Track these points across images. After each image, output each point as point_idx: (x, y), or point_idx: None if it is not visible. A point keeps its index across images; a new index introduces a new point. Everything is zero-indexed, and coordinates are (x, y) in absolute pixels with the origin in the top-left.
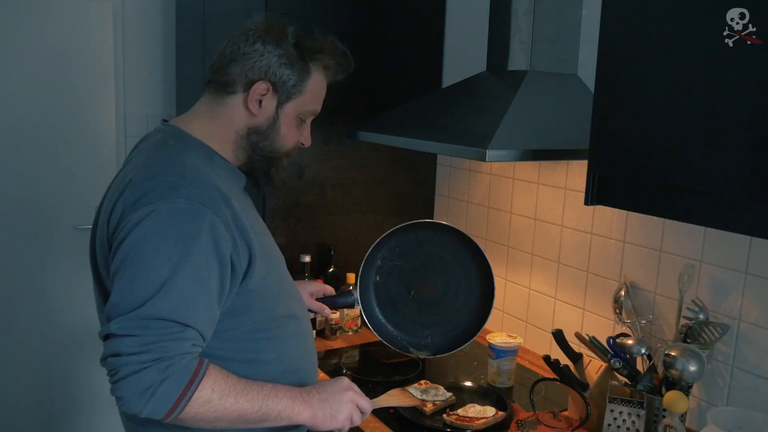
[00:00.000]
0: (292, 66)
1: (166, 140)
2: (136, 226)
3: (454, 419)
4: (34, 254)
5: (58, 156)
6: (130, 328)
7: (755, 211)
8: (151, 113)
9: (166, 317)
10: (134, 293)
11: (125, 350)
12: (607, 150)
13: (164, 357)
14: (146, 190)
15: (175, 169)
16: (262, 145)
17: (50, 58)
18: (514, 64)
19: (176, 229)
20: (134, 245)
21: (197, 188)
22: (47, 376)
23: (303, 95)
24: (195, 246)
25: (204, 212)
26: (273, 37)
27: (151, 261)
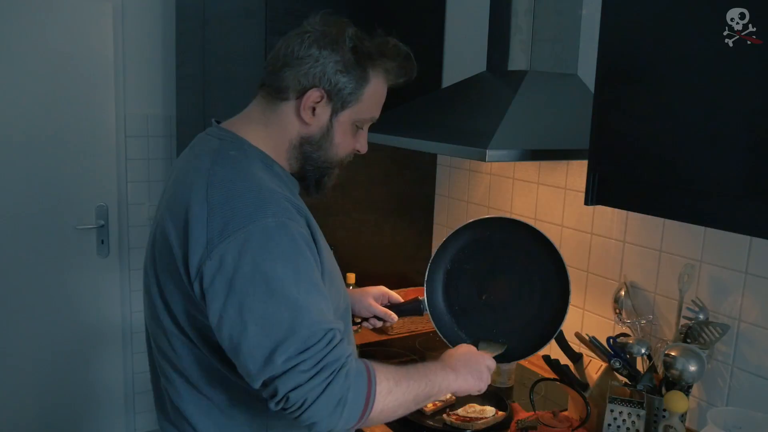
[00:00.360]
0: (348, 73)
1: (227, 150)
2: (239, 258)
3: (454, 419)
4: (34, 254)
5: (58, 156)
6: (294, 357)
7: (755, 211)
8: (151, 113)
9: (318, 328)
10: (276, 327)
11: (302, 379)
12: (607, 150)
13: (339, 366)
14: (229, 214)
15: (250, 187)
16: (315, 155)
17: (50, 58)
18: (514, 64)
19: (279, 248)
20: (248, 278)
21: (277, 204)
22: (49, 376)
23: (360, 103)
24: (300, 258)
25: (292, 226)
26: (329, 41)
27: (275, 288)
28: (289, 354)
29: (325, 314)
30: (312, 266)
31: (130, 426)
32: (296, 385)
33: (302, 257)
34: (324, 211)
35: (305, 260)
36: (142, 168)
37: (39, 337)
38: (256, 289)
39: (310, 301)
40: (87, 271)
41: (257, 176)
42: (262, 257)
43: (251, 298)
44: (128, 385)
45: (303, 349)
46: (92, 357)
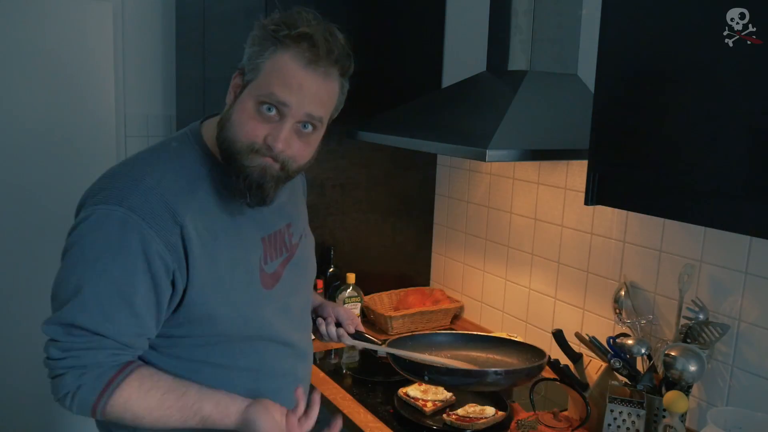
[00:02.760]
0: (253, 45)
1: (172, 141)
2: (78, 224)
3: (454, 419)
4: (33, 254)
5: (58, 156)
6: (54, 332)
7: (755, 211)
8: (151, 113)
9: (83, 326)
10: (59, 292)
11: (52, 354)
12: (607, 150)
13: (78, 365)
14: (101, 187)
15: (136, 174)
16: (220, 136)
17: (50, 58)
18: (514, 64)
19: (104, 238)
20: (70, 245)
21: (143, 200)
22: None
23: (259, 76)
24: (119, 259)
25: (138, 225)
26: (257, 24)
27: (75, 265)
28: (55, 328)
29: (106, 320)
30: (130, 274)
31: None
32: (47, 355)
33: (122, 259)
34: (324, 211)
35: (124, 264)
36: None
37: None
38: (66, 257)
39: (97, 299)
40: None
41: (158, 169)
42: (87, 237)
43: (61, 263)
44: None
45: (63, 332)
46: None
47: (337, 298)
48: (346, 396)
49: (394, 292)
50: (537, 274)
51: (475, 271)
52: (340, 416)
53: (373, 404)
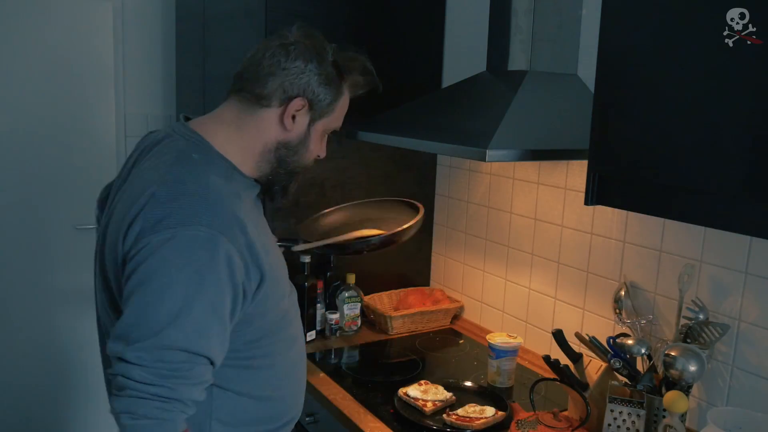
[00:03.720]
0: (328, 86)
1: (191, 152)
2: (155, 250)
3: (454, 419)
4: (34, 254)
5: (58, 156)
6: (145, 359)
7: (755, 211)
8: (151, 113)
9: (184, 348)
10: (149, 321)
11: (136, 377)
12: (607, 150)
13: (168, 397)
14: (169, 212)
15: (199, 192)
16: (289, 160)
17: (50, 58)
18: (514, 64)
19: (194, 259)
20: (152, 271)
21: (218, 216)
22: (49, 375)
23: (333, 113)
24: (211, 276)
25: (222, 242)
26: (314, 56)
27: (167, 290)
28: (142, 355)
29: (203, 337)
30: (221, 291)
31: None
32: (129, 376)
33: (213, 277)
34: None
35: (216, 281)
36: None
37: (38, 337)
38: (152, 284)
39: (191, 321)
40: (87, 271)
41: (211, 182)
42: (173, 260)
43: (144, 287)
44: None
45: (156, 359)
46: (92, 356)
47: (337, 299)
48: (346, 396)
49: (394, 292)
50: (537, 274)
51: (475, 271)
52: None
53: (373, 404)
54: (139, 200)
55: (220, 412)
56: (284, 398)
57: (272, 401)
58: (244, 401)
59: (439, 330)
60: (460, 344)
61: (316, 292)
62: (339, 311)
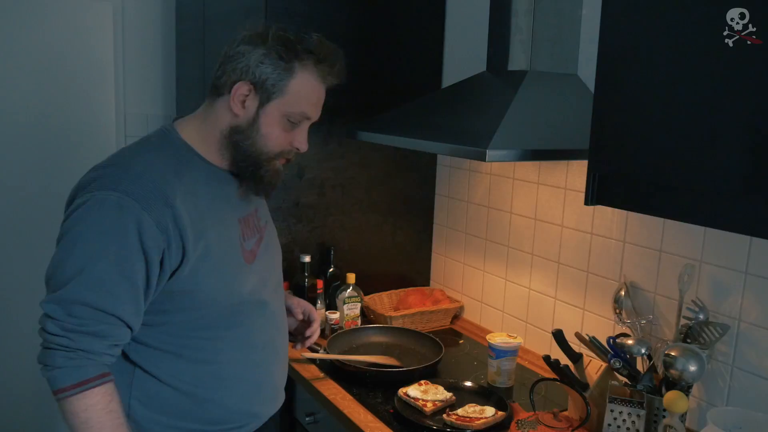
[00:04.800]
0: (271, 64)
1: (151, 137)
2: (74, 211)
3: (454, 419)
4: (33, 254)
5: (57, 156)
6: (56, 312)
7: (755, 211)
8: (151, 113)
9: (88, 303)
10: (57, 273)
11: (49, 329)
12: (607, 150)
13: (71, 347)
14: (93, 177)
15: (125, 163)
16: (243, 144)
17: (50, 58)
18: (514, 64)
19: (102, 221)
20: (66, 228)
21: (136, 185)
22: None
23: (286, 95)
24: (117, 237)
25: (132, 207)
26: (255, 37)
27: (74, 246)
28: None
29: (111, 297)
30: (128, 254)
31: None
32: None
33: (120, 239)
34: (324, 211)
35: (122, 245)
36: None
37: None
38: (65, 239)
39: (100, 277)
40: None
41: (145, 158)
42: (84, 220)
43: (60, 242)
44: None
45: (64, 311)
46: None
47: (337, 298)
48: (346, 396)
49: (394, 292)
50: (537, 274)
51: (475, 271)
52: None
53: (373, 404)
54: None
55: (139, 392)
56: (224, 403)
57: (205, 402)
58: (167, 390)
59: (439, 330)
60: (460, 344)
61: (316, 291)
62: (339, 311)
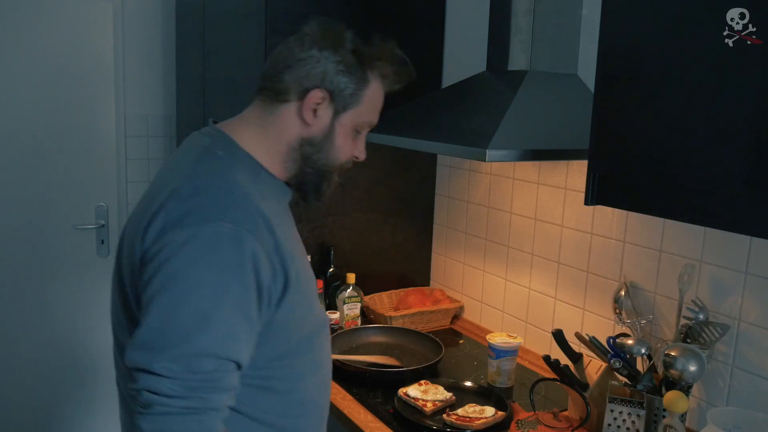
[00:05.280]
0: (349, 73)
1: (215, 149)
2: (178, 249)
3: (454, 419)
4: (33, 254)
5: (58, 156)
6: (174, 370)
7: (755, 211)
8: (151, 113)
9: (216, 354)
10: (176, 326)
11: (164, 391)
12: (607, 150)
13: (202, 408)
14: (192, 207)
15: (224, 187)
16: (315, 157)
17: (50, 58)
18: (514, 64)
19: (220, 257)
20: (176, 271)
21: (244, 212)
22: (49, 375)
23: (360, 105)
24: (238, 275)
25: (248, 239)
26: (330, 42)
27: (193, 291)
28: (171, 366)
29: (233, 341)
30: (247, 290)
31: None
32: (155, 390)
33: (240, 276)
34: (324, 211)
35: (242, 281)
36: (142, 168)
37: (38, 336)
38: (177, 286)
39: (221, 323)
40: (87, 271)
41: (236, 179)
42: (199, 260)
43: (169, 291)
44: None
45: (186, 370)
46: (92, 356)
47: (337, 298)
48: (346, 396)
49: (394, 292)
50: (537, 274)
51: (475, 271)
52: None
53: (373, 404)
54: (159, 196)
55: None
56: (299, 428)
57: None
58: (257, 427)
59: (439, 330)
60: (460, 344)
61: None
62: (339, 311)
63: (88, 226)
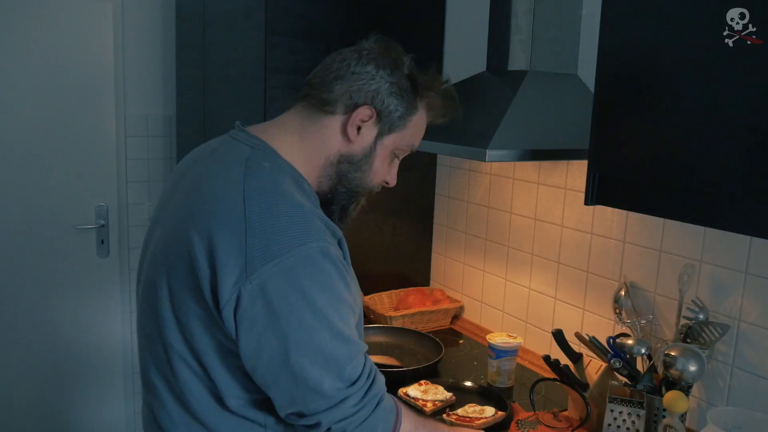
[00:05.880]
0: (401, 97)
1: (260, 161)
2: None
3: (454, 419)
4: (33, 254)
5: (58, 156)
6: (343, 389)
7: (755, 211)
8: (151, 113)
9: (353, 357)
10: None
11: (348, 413)
12: (607, 150)
13: (378, 400)
14: (271, 235)
15: (293, 205)
16: (351, 176)
17: (50, 58)
18: (514, 64)
19: (322, 277)
20: (294, 307)
21: (318, 227)
22: (49, 375)
23: (405, 130)
24: (340, 284)
25: (332, 251)
26: (388, 62)
27: (319, 316)
28: (338, 385)
29: (359, 339)
30: (347, 293)
31: (130, 426)
32: (342, 417)
33: (341, 284)
34: None
35: (344, 287)
36: (142, 168)
37: (39, 336)
38: (303, 320)
39: (349, 329)
40: (87, 271)
41: (295, 195)
42: (308, 285)
43: (297, 328)
44: (128, 384)
45: (350, 383)
46: (92, 357)
47: None
48: None
49: (394, 292)
50: (537, 274)
51: (475, 271)
52: None
53: None
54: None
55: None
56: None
57: None
58: None
59: (439, 330)
60: (460, 344)
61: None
62: None
63: (88, 226)
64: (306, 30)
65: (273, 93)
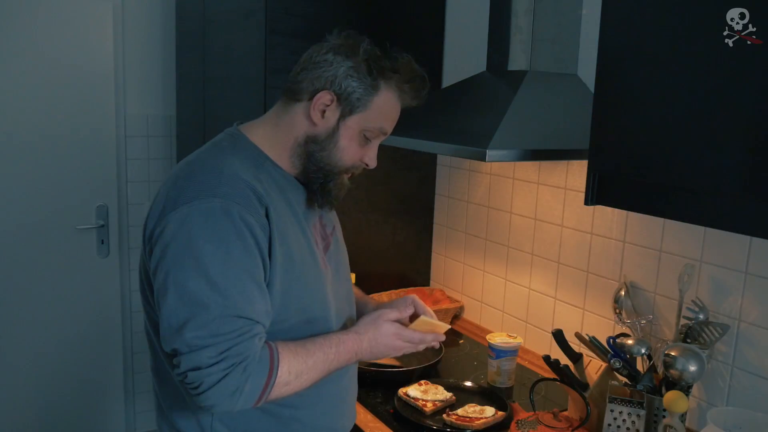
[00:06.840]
0: (359, 78)
1: (221, 141)
2: (177, 229)
3: (454, 419)
4: (35, 254)
5: (58, 156)
6: (203, 337)
7: (755, 211)
8: (151, 113)
9: (231, 314)
10: (190, 299)
11: (204, 362)
12: (607, 150)
13: (241, 360)
14: (185, 187)
15: (215, 168)
16: (318, 155)
17: (50, 58)
18: (514, 64)
19: (215, 229)
20: (179, 250)
21: (233, 188)
22: (50, 375)
23: (368, 110)
24: (237, 243)
25: (237, 210)
26: (345, 49)
27: (198, 264)
28: (199, 334)
29: (250, 302)
30: (249, 256)
31: (130, 426)
32: (196, 366)
33: (239, 243)
34: None
35: (242, 248)
36: (142, 168)
37: (39, 337)
38: (184, 262)
39: (232, 288)
40: (87, 271)
41: (229, 161)
42: (197, 234)
43: (177, 269)
44: (128, 384)
45: (213, 334)
46: (92, 357)
47: None
48: None
49: (394, 292)
50: (537, 274)
51: (475, 271)
52: None
53: (373, 404)
54: (166, 183)
55: (223, 414)
56: (308, 422)
57: (291, 422)
58: (251, 411)
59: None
60: (460, 344)
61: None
62: None
63: (88, 226)
64: (306, 30)
65: (273, 93)
